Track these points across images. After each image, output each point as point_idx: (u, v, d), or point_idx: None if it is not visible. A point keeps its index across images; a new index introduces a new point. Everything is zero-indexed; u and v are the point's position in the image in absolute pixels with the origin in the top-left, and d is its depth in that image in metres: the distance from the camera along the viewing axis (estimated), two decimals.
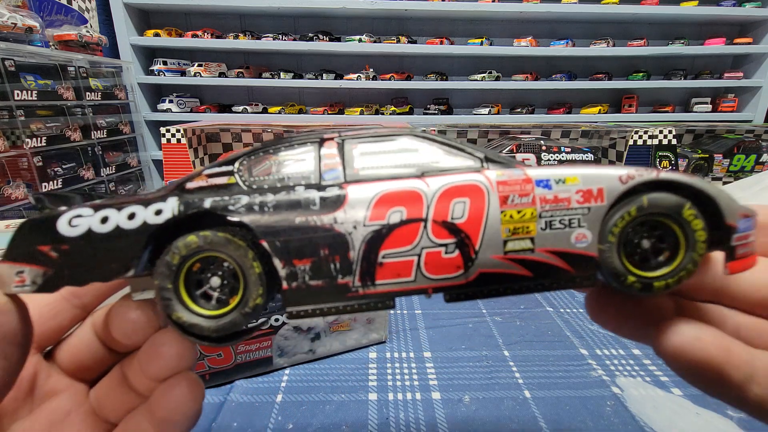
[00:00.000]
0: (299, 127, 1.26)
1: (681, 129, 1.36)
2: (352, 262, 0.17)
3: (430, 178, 0.18)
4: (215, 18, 1.69)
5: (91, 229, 0.16)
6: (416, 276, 0.17)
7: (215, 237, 0.16)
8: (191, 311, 0.17)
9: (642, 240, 0.18)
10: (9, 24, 0.87)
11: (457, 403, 0.41)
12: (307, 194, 0.17)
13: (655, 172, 0.18)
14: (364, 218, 0.17)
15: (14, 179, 0.84)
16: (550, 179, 0.18)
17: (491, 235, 0.17)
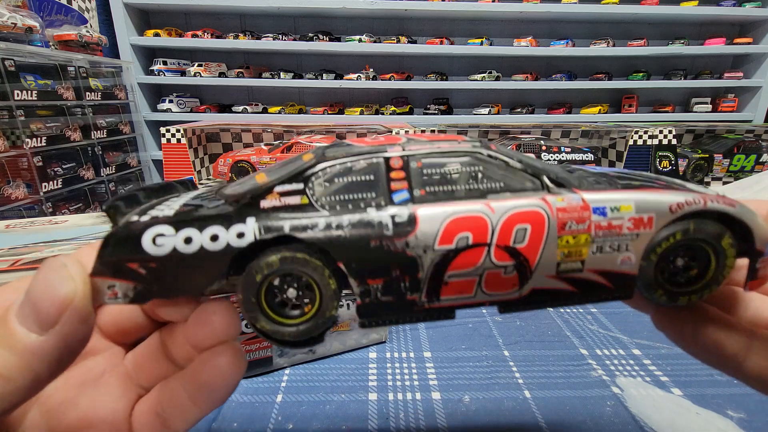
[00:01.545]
0: (299, 127, 1.27)
1: (681, 129, 1.36)
2: (421, 281, 0.18)
3: (494, 202, 0.19)
4: (215, 18, 1.69)
5: (176, 248, 0.17)
6: (476, 293, 0.19)
7: (295, 257, 0.18)
8: (272, 320, 0.18)
9: (677, 258, 0.20)
10: (9, 24, 0.87)
11: (457, 403, 0.41)
12: (380, 217, 0.18)
13: (703, 201, 0.19)
14: (434, 243, 0.18)
15: (14, 179, 0.84)
16: (606, 207, 0.19)
17: (547, 258, 0.19)
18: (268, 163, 1.17)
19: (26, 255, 0.38)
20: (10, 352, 0.14)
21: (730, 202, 0.19)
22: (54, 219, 0.50)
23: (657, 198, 0.19)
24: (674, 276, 0.20)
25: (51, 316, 0.15)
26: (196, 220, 0.17)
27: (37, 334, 0.15)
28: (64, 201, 0.95)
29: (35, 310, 0.15)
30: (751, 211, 0.19)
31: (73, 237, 0.43)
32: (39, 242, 0.41)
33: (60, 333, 0.15)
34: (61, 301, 0.15)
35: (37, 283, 0.15)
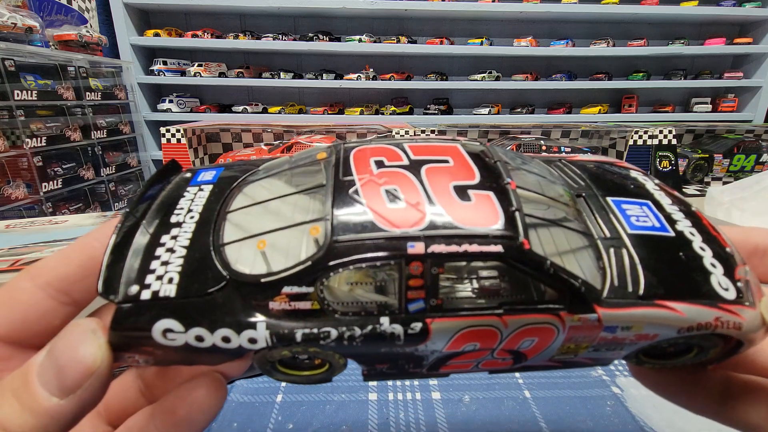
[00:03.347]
0: (299, 127, 1.27)
1: (681, 129, 1.36)
2: (424, 366, 0.20)
3: (509, 318, 0.18)
4: (215, 18, 1.69)
5: (188, 343, 0.17)
6: (472, 369, 0.20)
7: (307, 350, 0.18)
8: (288, 375, 0.20)
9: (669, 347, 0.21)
10: (9, 24, 0.87)
11: (457, 403, 0.41)
12: (392, 329, 0.18)
13: (714, 324, 0.18)
14: (442, 348, 0.18)
15: (14, 179, 0.84)
16: (618, 327, 0.19)
17: (545, 354, 0.20)
18: None
19: (26, 255, 0.38)
20: (30, 414, 0.15)
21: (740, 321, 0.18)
22: (54, 219, 0.50)
23: (670, 318, 0.18)
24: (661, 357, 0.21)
25: (75, 383, 0.15)
26: (204, 318, 0.17)
27: (58, 398, 0.15)
28: (64, 201, 0.95)
29: (60, 375, 0.15)
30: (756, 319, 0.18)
31: (73, 237, 0.43)
32: (39, 242, 0.41)
33: (80, 398, 0.15)
34: (87, 369, 0.15)
35: (63, 347, 0.15)
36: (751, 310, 0.19)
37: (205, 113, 1.62)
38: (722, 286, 0.19)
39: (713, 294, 0.18)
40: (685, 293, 0.19)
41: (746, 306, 0.18)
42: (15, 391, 0.15)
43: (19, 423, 0.14)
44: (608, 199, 0.22)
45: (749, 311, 0.18)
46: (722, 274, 0.19)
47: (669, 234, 0.21)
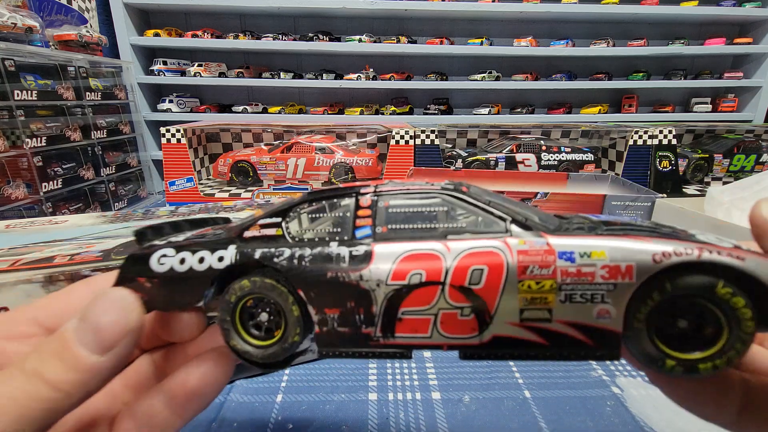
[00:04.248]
0: (299, 127, 1.27)
1: (681, 129, 1.36)
2: (375, 316, 0.19)
3: (452, 242, 0.19)
4: (215, 18, 1.69)
5: (172, 267, 0.20)
6: (432, 333, 0.19)
7: (263, 282, 0.19)
8: (244, 340, 0.20)
9: (678, 320, 0.17)
10: (9, 24, 0.87)
11: (456, 403, 0.41)
12: (339, 250, 0.19)
13: (698, 252, 0.17)
14: (387, 278, 0.18)
15: (14, 179, 0.84)
16: (574, 252, 0.18)
17: (507, 303, 0.18)
18: (268, 163, 1.17)
19: (26, 255, 0.38)
20: (73, 370, 0.16)
21: (738, 255, 0.16)
22: (54, 219, 0.50)
23: (637, 246, 0.17)
24: (685, 343, 0.17)
25: (113, 341, 0.17)
26: (193, 245, 0.20)
27: (98, 356, 0.17)
28: (64, 201, 0.95)
29: (99, 335, 0.17)
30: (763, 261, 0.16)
31: (73, 237, 0.43)
32: (39, 242, 0.41)
33: (117, 354, 0.17)
34: (124, 328, 0.18)
35: (100, 311, 0.18)
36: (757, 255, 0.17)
37: (205, 113, 1.61)
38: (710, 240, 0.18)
39: (692, 238, 0.18)
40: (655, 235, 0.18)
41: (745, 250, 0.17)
42: (56, 353, 0.17)
43: (64, 380, 0.16)
44: None
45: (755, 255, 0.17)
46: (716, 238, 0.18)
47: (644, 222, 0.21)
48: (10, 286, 0.33)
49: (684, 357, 0.17)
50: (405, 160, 1.10)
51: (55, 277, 0.35)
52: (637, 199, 0.77)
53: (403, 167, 1.10)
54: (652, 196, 0.76)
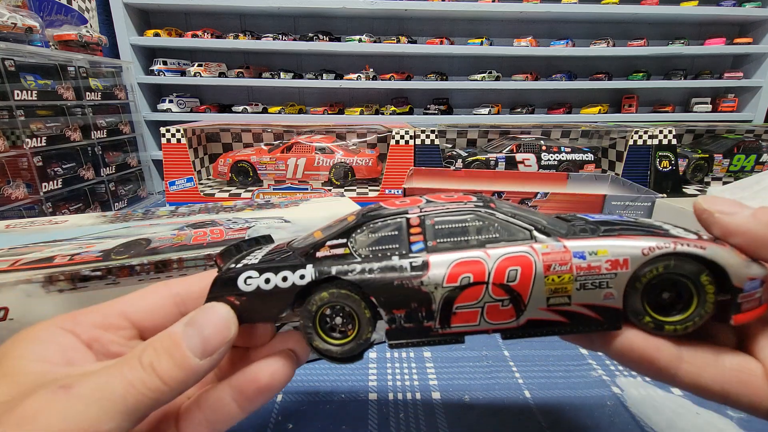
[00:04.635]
0: (299, 127, 1.27)
1: (681, 129, 1.36)
2: (434, 312, 0.24)
3: (491, 250, 0.24)
4: (215, 18, 1.69)
5: (259, 287, 0.24)
6: (480, 322, 0.24)
7: (339, 293, 0.24)
8: (324, 341, 0.25)
9: (663, 292, 0.23)
10: (9, 24, 0.87)
11: (457, 403, 0.41)
12: (401, 262, 0.24)
13: (673, 245, 0.22)
14: (442, 281, 0.23)
15: (14, 179, 0.84)
16: (584, 252, 0.23)
17: (537, 294, 0.23)
18: (268, 163, 1.17)
19: (26, 255, 0.38)
20: (179, 369, 0.19)
21: (701, 245, 0.22)
22: (54, 219, 0.50)
23: (630, 243, 0.23)
24: (662, 309, 0.23)
25: (214, 349, 0.21)
26: (273, 266, 0.24)
27: (199, 359, 0.20)
28: (64, 201, 0.95)
29: (204, 342, 0.20)
30: (724, 251, 0.22)
31: (73, 237, 0.43)
32: (39, 242, 0.41)
33: (213, 361, 0.21)
34: (224, 339, 0.21)
35: (207, 322, 0.21)
36: (715, 244, 0.22)
37: (205, 113, 1.61)
38: (680, 234, 0.23)
39: (667, 233, 0.24)
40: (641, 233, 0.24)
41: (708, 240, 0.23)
42: (167, 351, 0.19)
43: (172, 376, 0.19)
44: None
45: (713, 244, 0.22)
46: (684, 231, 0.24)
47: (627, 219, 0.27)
48: (10, 286, 0.33)
49: (658, 318, 0.23)
50: (405, 160, 1.10)
51: (55, 277, 0.35)
52: (637, 199, 0.77)
53: (403, 167, 1.10)
54: (652, 196, 0.76)
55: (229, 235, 0.44)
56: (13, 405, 0.16)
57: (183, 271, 0.39)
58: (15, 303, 0.34)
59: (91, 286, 0.36)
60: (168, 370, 0.19)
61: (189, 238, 0.42)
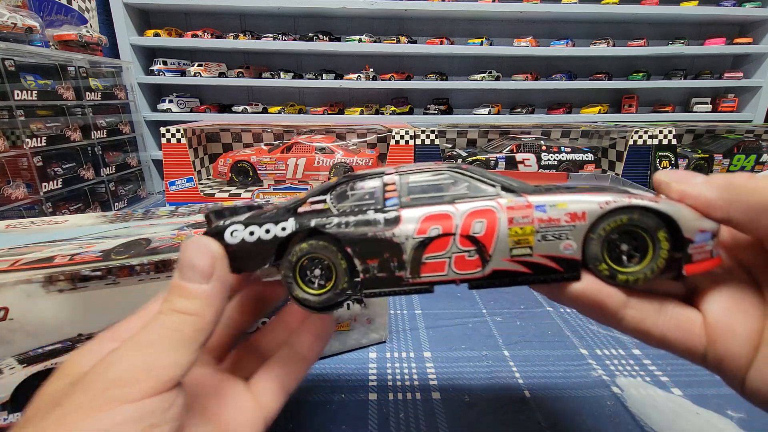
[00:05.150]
0: (299, 127, 1.27)
1: (681, 129, 1.36)
2: (405, 262, 0.25)
3: (458, 204, 0.25)
4: (215, 18, 1.69)
5: (243, 239, 0.26)
6: (448, 271, 0.25)
7: (318, 244, 0.26)
8: (303, 291, 0.26)
9: (622, 244, 0.24)
10: (9, 24, 0.87)
11: (457, 403, 0.41)
12: (375, 216, 0.26)
13: (628, 199, 0.23)
14: (413, 233, 0.25)
15: (14, 179, 0.84)
16: (545, 205, 0.24)
17: (501, 245, 0.24)
18: (268, 163, 1.17)
19: (27, 255, 0.38)
20: (192, 299, 0.22)
21: (654, 199, 0.23)
22: (54, 219, 0.50)
23: (588, 198, 0.24)
24: (619, 260, 0.24)
25: (209, 268, 0.23)
26: (258, 221, 0.26)
27: (204, 284, 0.23)
28: (64, 201, 0.95)
29: (196, 269, 0.23)
30: (674, 205, 0.23)
31: (73, 237, 0.43)
32: (39, 242, 0.41)
33: (218, 279, 0.23)
34: (212, 256, 0.23)
35: (188, 252, 0.23)
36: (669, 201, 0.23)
37: (205, 113, 1.61)
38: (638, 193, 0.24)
39: (626, 192, 0.24)
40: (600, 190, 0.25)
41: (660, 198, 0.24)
42: (175, 294, 0.22)
43: (190, 306, 0.22)
44: None
45: (667, 201, 0.23)
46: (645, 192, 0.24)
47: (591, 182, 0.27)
48: (11, 286, 0.33)
49: (613, 267, 0.24)
50: (405, 160, 1.10)
51: (55, 276, 0.35)
52: None
53: None
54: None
55: None
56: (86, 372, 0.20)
57: None
58: (15, 303, 0.34)
59: (91, 286, 0.36)
60: (184, 304, 0.22)
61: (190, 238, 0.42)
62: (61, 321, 0.36)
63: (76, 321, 0.36)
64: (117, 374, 0.18)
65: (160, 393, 0.19)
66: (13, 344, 0.35)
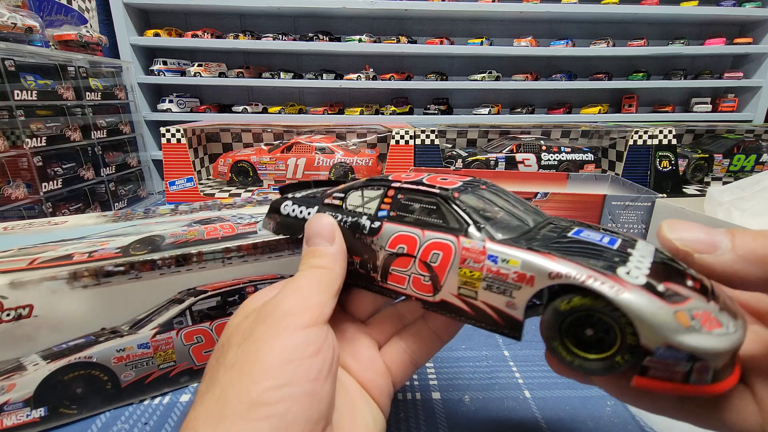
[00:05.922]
0: (299, 127, 1.27)
1: (681, 129, 1.36)
2: (378, 267, 0.29)
3: (428, 231, 0.27)
4: (215, 18, 1.69)
5: (288, 213, 0.36)
6: (407, 287, 0.28)
7: None
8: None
9: (586, 328, 0.22)
10: (9, 24, 0.87)
11: (457, 403, 0.41)
12: (365, 222, 0.30)
13: (584, 278, 0.20)
14: (386, 244, 0.29)
15: (14, 179, 0.84)
16: (498, 257, 0.24)
17: (450, 280, 0.26)
18: (268, 163, 1.18)
19: (41, 254, 0.38)
20: (325, 257, 0.28)
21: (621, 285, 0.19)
22: (53, 220, 0.50)
23: (542, 263, 0.22)
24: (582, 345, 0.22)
25: (332, 235, 0.29)
26: (300, 202, 0.35)
27: (330, 246, 0.29)
28: (64, 201, 0.95)
29: (322, 236, 0.29)
30: (644, 300, 0.18)
31: (81, 236, 0.44)
32: (48, 242, 0.42)
33: (339, 243, 0.29)
34: (332, 226, 0.30)
35: (314, 226, 0.30)
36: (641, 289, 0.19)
37: (205, 113, 1.61)
38: (628, 273, 0.20)
39: (604, 267, 0.21)
40: (572, 255, 0.22)
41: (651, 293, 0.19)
42: (311, 255, 0.28)
43: (324, 262, 0.28)
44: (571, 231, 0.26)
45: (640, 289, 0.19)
46: (644, 274, 0.20)
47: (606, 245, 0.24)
48: (35, 283, 0.34)
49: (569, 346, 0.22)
50: (405, 160, 1.10)
51: (80, 273, 0.35)
52: (637, 199, 0.77)
53: (403, 167, 1.10)
54: (652, 196, 0.76)
55: (239, 229, 0.44)
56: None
57: (202, 264, 0.40)
58: (40, 300, 0.34)
59: (114, 281, 0.37)
60: (321, 260, 0.28)
61: (202, 234, 0.43)
62: (85, 316, 0.36)
63: (98, 315, 0.37)
64: (285, 309, 0.24)
65: (315, 325, 0.23)
66: (38, 340, 0.35)
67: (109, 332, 0.38)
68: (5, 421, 0.34)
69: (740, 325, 0.19)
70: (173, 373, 0.41)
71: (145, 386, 0.40)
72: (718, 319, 0.18)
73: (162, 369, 0.40)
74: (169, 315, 0.39)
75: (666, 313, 0.18)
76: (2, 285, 0.33)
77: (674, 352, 0.18)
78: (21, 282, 0.34)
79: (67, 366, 0.36)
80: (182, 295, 0.40)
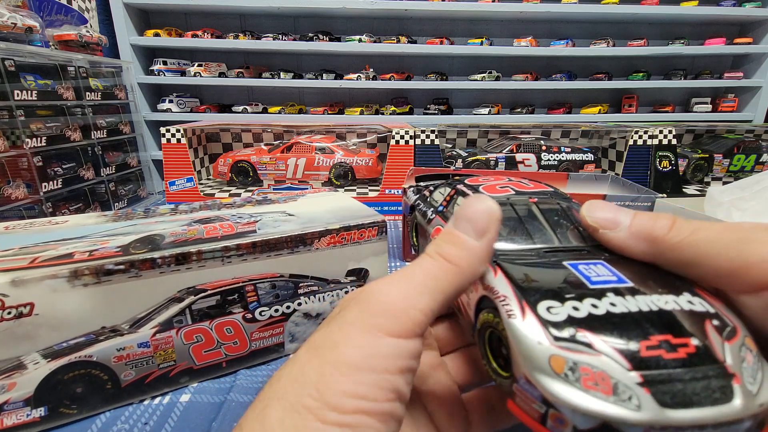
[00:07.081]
0: (299, 127, 1.27)
1: (681, 129, 1.36)
2: None
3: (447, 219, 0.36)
4: (215, 18, 1.69)
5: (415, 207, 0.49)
6: None
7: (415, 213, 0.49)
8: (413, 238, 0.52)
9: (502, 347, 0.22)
10: (9, 24, 0.87)
11: None
12: (430, 214, 0.40)
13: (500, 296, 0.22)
14: (432, 232, 0.37)
15: (14, 179, 0.84)
16: None
17: None
18: (268, 163, 1.18)
19: (42, 253, 0.38)
20: (461, 249, 0.22)
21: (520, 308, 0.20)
22: (54, 220, 0.50)
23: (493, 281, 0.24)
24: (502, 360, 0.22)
25: (485, 227, 0.23)
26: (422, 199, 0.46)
27: (476, 240, 0.23)
28: (64, 201, 0.95)
29: (472, 222, 0.23)
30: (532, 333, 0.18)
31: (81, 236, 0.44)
32: (49, 241, 0.42)
33: (489, 239, 0.23)
34: (491, 216, 0.23)
35: (470, 207, 0.23)
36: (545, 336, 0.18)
37: (205, 113, 1.61)
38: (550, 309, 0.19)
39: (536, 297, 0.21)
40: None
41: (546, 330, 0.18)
42: (447, 240, 0.23)
43: (457, 255, 0.22)
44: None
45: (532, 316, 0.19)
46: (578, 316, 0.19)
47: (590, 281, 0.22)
48: (36, 281, 0.34)
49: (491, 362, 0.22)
50: (405, 160, 1.10)
51: (81, 271, 0.36)
52: (637, 199, 0.77)
53: (403, 167, 1.10)
54: (652, 196, 0.76)
55: (239, 228, 0.45)
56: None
57: (202, 263, 0.40)
58: (41, 298, 0.34)
59: (114, 279, 0.37)
60: (452, 253, 0.22)
61: (201, 233, 0.43)
62: (85, 314, 0.37)
63: (99, 314, 0.37)
64: (385, 301, 0.20)
65: (411, 338, 0.20)
66: (38, 339, 0.35)
67: (109, 331, 0.38)
68: (5, 420, 0.34)
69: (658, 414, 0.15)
70: (173, 372, 0.41)
71: (145, 386, 0.40)
72: (619, 387, 0.16)
73: (162, 368, 0.40)
74: (169, 314, 0.39)
75: (540, 350, 0.18)
76: (3, 283, 0.33)
77: (531, 388, 0.18)
78: (22, 280, 0.34)
79: (68, 365, 0.36)
80: (182, 294, 0.40)
